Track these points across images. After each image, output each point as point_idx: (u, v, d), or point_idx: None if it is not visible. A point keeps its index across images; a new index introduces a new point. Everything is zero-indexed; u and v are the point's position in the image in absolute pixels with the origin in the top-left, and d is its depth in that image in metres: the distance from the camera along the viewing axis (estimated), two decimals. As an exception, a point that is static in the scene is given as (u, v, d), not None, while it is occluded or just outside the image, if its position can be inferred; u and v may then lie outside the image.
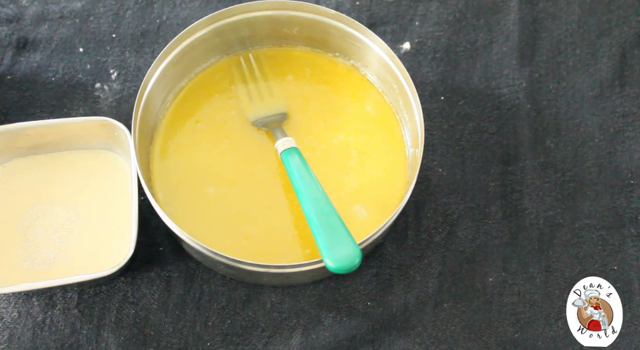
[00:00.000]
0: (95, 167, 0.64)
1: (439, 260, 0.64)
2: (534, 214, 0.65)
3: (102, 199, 0.63)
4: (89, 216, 0.62)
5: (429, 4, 0.73)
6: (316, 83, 0.67)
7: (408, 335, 0.61)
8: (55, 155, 0.64)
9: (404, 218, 0.65)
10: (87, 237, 0.62)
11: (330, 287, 0.62)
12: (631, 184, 0.67)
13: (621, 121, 0.69)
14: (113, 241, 0.61)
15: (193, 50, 0.65)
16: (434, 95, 0.69)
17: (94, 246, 0.61)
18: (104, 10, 0.73)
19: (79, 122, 0.62)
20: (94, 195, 0.63)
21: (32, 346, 0.60)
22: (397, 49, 0.71)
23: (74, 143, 0.64)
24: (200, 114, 0.65)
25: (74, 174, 0.64)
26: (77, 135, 0.63)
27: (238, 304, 0.62)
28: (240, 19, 0.65)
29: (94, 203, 0.63)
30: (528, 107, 0.69)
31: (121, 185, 0.63)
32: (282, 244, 0.61)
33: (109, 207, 0.62)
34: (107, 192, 0.63)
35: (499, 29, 0.73)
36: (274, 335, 0.61)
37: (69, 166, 0.64)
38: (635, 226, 0.65)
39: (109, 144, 0.64)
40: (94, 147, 0.64)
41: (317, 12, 0.64)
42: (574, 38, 0.72)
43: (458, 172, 0.67)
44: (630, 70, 0.71)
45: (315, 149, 0.64)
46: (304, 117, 0.65)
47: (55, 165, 0.64)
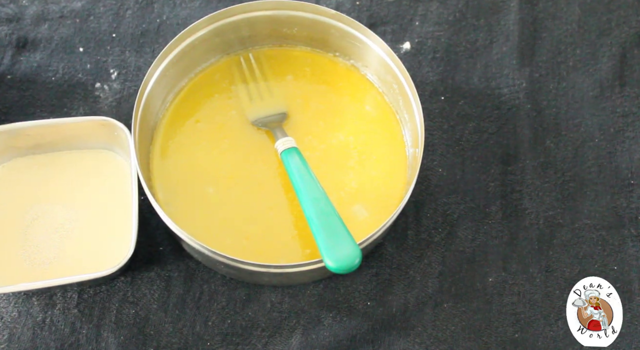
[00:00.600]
0: (95, 166, 0.64)
1: (439, 260, 0.64)
2: (534, 214, 0.65)
3: (102, 198, 0.63)
4: (89, 216, 0.62)
5: (429, 4, 0.73)
6: (316, 83, 0.67)
7: (408, 335, 0.61)
8: (55, 155, 0.64)
9: (404, 218, 0.65)
10: (87, 237, 0.61)
11: (330, 287, 0.62)
12: (631, 184, 0.67)
13: (621, 121, 0.69)
14: (113, 241, 0.61)
15: (193, 50, 0.65)
16: (434, 95, 0.69)
17: (94, 246, 0.61)
18: (104, 10, 0.73)
19: (78, 122, 0.62)
20: (94, 195, 0.63)
21: (32, 346, 0.60)
22: (397, 49, 0.71)
23: (73, 143, 0.64)
24: (200, 114, 0.65)
25: (74, 174, 0.64)
26: (77, 135, 0.63)
27: (238, 304, 0.62)
28: (240, 18, 0.65)
29: (93, 203, 0.63)
30: (528, 107, 0.69)
31: (121, 185, 0.63)
32: (282, 244, 0.61)
33: (109, 207, 0.62)
34: (107, 191, 0.63)
35: (499, 29, 0.73)
36: (274, 335, 0.61)
37: (68, 166, 0.64)
38: (635, 226, 0.65)
39: (109, 144, 0.64)
40: (94, 147, 0.64)
41: (317, 12, 0.64)
42: (574, 38, 0.72)
43: (458, 172, 0.67)
44: (630, 70, 0.71)
45: (315, 148, 0.64)
46: (304, 116, 0.65)
47: (55, 165, 0.64)
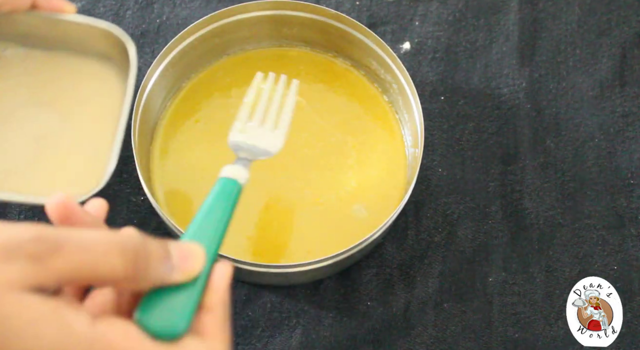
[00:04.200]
0: (89, 76, 0.58)
1: (439, 260, 0.64)
2: (534, 214, 0.65)
3: (90, 113, 0.58)
4: (71, 129, 0.57)
5: (429, 4, 0.73)
6: (315, 82, 0.67)
7: (408, 335, 0.61)
8: (48, 55, 0.58)
9: (404, 218, 0.65)
10: (64, 152, 0.56)
11: (330, 287, 0.62)
12: (631, 184, 0.67)
13: (621, 121, 0.69)
14: (90, 163, 0.56)
15: (193, 50, 0.65)
16: (434, 95, 0.69)
17: (70, 164, 0.56)
18: (104, 10, 0.73)
19: (79, 22, 0.56)
20: (81, 108, 0.58)
21: None
22: (397, 49, 0.71)
23: (70, 45, 0.58)
24: (200, 114, 0.65)
25: (64, 80, 0.58)
26: (76, 38, 0.57)
27: (238, 304, 0.62)
28: (240, 19, 0.65)
29: (78, 116, 0.57)
30: (528, 107, 0.69)
31: (112, 103, 0.58)
32: (282, 244, 0.61)
33: (95, 125, 0.57)
34: (96, 107, 0.58)
35: (499, 29, 0.73)
36: (274, 335, 0.61)
37: (60, 70, 0.58)
38: (636, 226, 0.65)
39: (108, 53, 0.58)
40: (91, 54, 0.58)
41: (317, 12, 0.64)
42: (574, 38, 0.72)
43: (458, 172, 0.67)
44: (630, 70, 0.71)
45: (313, 146, 0.64)
46: (302, 114, 0.65)
47: (46, 65, 0.58)
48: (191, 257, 0.39)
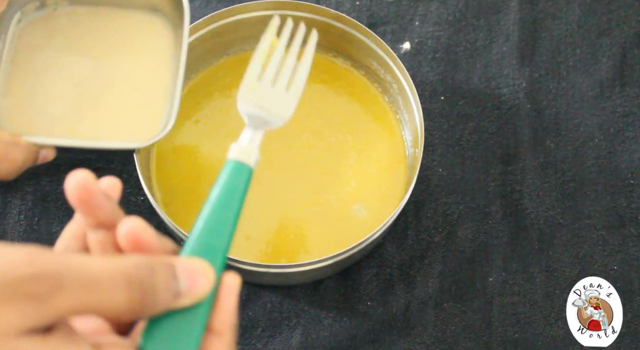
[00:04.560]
0: (137, 29, 0.60)
1: (439, 260, 0.64)
2: (534, 214, 0.65)
3: (139, 63, 0.59)
4: (121, 79, 0.58)
5: (429, 4, 0.73)
6: (315, 82, 0.67)
7: (408, 335, 0.61)
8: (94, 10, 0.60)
9: (404, 218, 0.65)
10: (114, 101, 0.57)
11: (330, 287, 0.62)
12: (631, 184, 0.67)
13: (621, 121, 0.69)
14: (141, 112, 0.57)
15: (193, 50, 0.65)
16: (434, 95, 0.69)
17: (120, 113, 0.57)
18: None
19: None
20: (130, 59, 0.59)
21: None
22: (397, 49, 0.71)
23: None
24: (200, 114, 0.65)
25: (112, 33, 0.60)
26: None
27: (238, 304, 0.61)
28: (240, 18, 0.65)
29: (127, 67, 0.59)
30: (528, 107, 0.69)
31: (162, 55, 0.59)
32: (282, 244, 0.61)
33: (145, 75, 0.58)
34: (145, 57, 0.59)
35: (499, 29, 0.73)
36: (274, 335, 0.61)
37: (107, 23, 0.60)
38: (636, 226, 0.65)
39: (157, 5, 0.59)
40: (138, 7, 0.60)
41: (317, 12, 0.64)
42: (574, 38, 0.72)
43: (458, 172, 0.67)
44: (630, 70, 0.71)
45: (313, 146, 0.64)
46: (302, 114, 0.65)
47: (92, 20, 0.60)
48: (199, 277, 0.37)
